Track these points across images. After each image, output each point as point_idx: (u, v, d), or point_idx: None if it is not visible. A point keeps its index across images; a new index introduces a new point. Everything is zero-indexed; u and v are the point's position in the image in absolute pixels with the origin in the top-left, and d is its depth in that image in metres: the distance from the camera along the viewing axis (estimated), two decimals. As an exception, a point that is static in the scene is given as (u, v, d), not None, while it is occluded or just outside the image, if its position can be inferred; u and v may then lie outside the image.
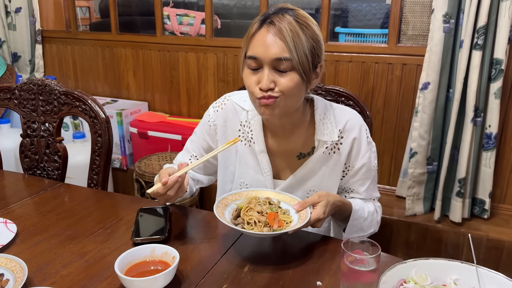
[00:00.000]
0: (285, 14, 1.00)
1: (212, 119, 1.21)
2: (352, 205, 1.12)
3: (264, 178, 1.17)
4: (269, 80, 0.99)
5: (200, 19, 2.65)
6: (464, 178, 1.93)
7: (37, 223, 1.14)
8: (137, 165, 2.31)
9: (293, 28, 0.98)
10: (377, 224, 1.21)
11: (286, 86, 0.99)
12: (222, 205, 1.04)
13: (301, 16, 1.02)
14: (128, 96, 2.84)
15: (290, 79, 0.99)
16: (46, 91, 1.45)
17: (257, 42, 1.00)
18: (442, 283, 0.77)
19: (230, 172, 1.23)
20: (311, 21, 1.03)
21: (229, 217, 1.02)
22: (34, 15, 2.89)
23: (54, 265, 0.95)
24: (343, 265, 0.79)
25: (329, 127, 1.12)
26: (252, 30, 1.02)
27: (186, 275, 0.92)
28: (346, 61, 2.20)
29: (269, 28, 0.99)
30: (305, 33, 0.99)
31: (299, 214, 1.01)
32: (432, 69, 1.88)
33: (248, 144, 1.18)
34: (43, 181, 1.43)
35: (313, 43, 1.01)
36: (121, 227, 1.11)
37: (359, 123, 1.16)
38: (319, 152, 1.14)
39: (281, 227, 0.97)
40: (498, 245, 1.88)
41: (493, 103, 1.86)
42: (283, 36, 0.97)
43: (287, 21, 0.98)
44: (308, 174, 1.16)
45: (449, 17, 1.82)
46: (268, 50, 0.98)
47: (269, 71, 0.99)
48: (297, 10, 1.03)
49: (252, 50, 1.00)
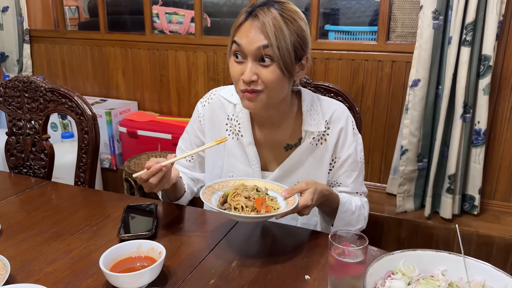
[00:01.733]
0: (270, 8, 1.01)
1: (201, 114, 1.22)
2: (340, 198, 1.12)
3: (252, 170, 1.17)
4: (251, 72, 1.00)
5: (190, 18, 2.63)
6: (454, 175, 1.93)
7: (22, 221, 1.12)
8: (126, 164, 2.29)
9: (277, 23, 0.99)
10: (365, 220, 1.20)
11: (267, 78, 1.01)
12: (208, 192, 1.03)
13: (287, 10, 1.02)
14: (118, 96, 2.82)
15: (272, 72, 1.01)
16: (31, 88, 1.43)
17: (241, 33, 1.02)
18: (430, 274, 0.76)
19: (218, 166, 1.23)
20: (298, 15, 1.03)
21: (216, 203, 1.00)
22: (22, 14, 2.86)
23: (38, 262, 0.94)
24: (331, 257, 0.79)
25: (316, 118, 1.14)
26: (239, 21, 1.04)
27: (173, 270, 0.91)
28: (336, 58, 2.20)
29: (253, 22, 1.00)
30: (289, 27, 1.00)
31: (287, 201, 1.00)
32: (422, 66, 1.89)
33: (236, 137, 1.18)
34: (30, 179, 1.41)
35: (297, 38, 1.01)
36: (107, 224, 1.10)
37: (345, 114, 1.17)
38: (306, 143, 1.15)
39: (268, 212, 0.96)
40: (488, 241, 1.89)
41: (482, 99, 1.86)
42: (265, 29, 0.99)
43: (272, 15, 0.99)
44: (295, 165, 1.16)
45: (438, 14, 1.83)
46: (251, 40, 1.00)
47: (252, 64, 1.01)
48: (285, 4, 1.03)
49: (237, 39, 1.02)
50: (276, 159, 1.18)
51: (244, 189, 1.01)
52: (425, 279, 0.75)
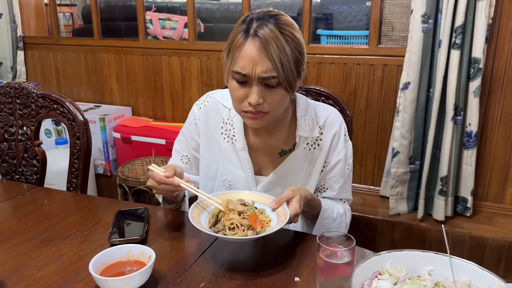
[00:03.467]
0: (268, 24, 0.96)
1: (197, 117, 1.21)
2: (322, 204, 1.13)
3: (245, 174, 1.17)
4: (258, 96, 0.98)
5: (183, 23, 2.65)
6: (446, 177, 1.94)
7: (13, 226, 1.12)
8: (120, 170, 2.29)
9: (279, 43, 0.95)
10: (346, 227, 1.21)
11: (274, 101, 1.00)
12: (196, 213, 1.01)
13: (285, 26, 0.98)
14: (112, 101, 2.83)
15: (279, 95, 1.00)
16: (23, 94, 1.43)
17: (244, 57, 0.97)
18: (417, 274, 0.77)
19: (212, 169, 1.23)
20: (294, 28, 1.00)
21: (206, 224, 0.99)
22: (16, 21, 2.87)
23: (28, 268, 0.94)
24: (319, 259, 0.79)
25: (310, 123, 1.14)
26: (237, 42, 0.98)
27: (164, 274, 0.91)
28: (328, 63, 2.21)
29: (255, 43, 0.96)
30: (289, 44, 0.97)
31: (276, 212, 1.01)
32: (412, 69, 1.91)
33: (231, 141, 1.18)
34: (22, 185, 1.41)
35: (297, 54, 0.99)
36: (99, 229, 1.10)
37: (339, 120, 1.18)
38: (300, 148, 1.15)
39: (263, 227, 0.97)
40: (481, 242, 1.90)
41: (472, 102, 1.88)
42: (269, 53, 0.94)
43: (273, 34, 0.95)
44: (289, 170, 1.16)
45: (428, 17, 1.85)
46: (255, 67, 0.96)
47: (258, 87, 0.98)
48: (280, 18, 1.00)
49: (239, 65, 0.98)
50: (271, 164, 1.18)
51: (234, 205, 1.01)
52: (412, 279, 0.75)
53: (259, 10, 1.03)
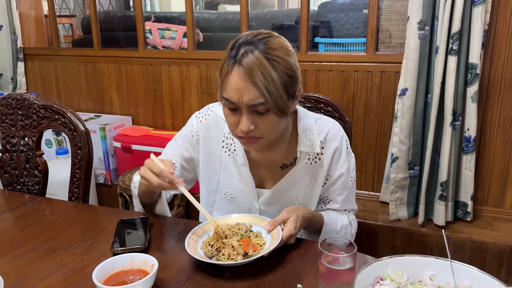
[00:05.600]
0: (254, 51, 0.94)
1: (195, 129, 1.20)
2: (324, 218, 1.14)
3: (247, 188, 1.18)
4: (249, 123, 0.98)
5: (182, 33, 2.67)
6: (445, 182, 1.95)
7: (16, 237, 1.12)
8: (121, 179, 2.29)
9: (264, 70, 0.93)
10: (352, 237, 1.22)
11: (265, 126, 1.00)
12: (193, 240, 1.03)
13: (272, 50, 0.95)
14: (112, 111, 2.84)
15: (270, 120, 0.99)
16: (25, 105, 1.44)
17: (231, 85, 0.96)
18: (419, 279, 0.78)
19: (214, 182, 1.23)
20: (283, 50, 0.97)
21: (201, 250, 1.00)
22: (16, 32, 2.89)
23: (32, 278, 0.94)
24: (321, 265, 0.80)
25: (311, 138, 1.13)
26: (225, 69, 0.97)
27: (166, 283, 0.91)
28: (326, 70, 2.23)
29: (240, 71, 0.94)
30: (277, 70, 0.94)
31: (271, 234, 1.02)
32: (409, 75, 1.92)
33: (232, 155, 1.18)
34: (23, 196, 1.41)
35: (287, 78, 0.96)
36: (101, 239, 1.10)
37: (340, 134, 1.17)
38: (301, 164, 1.15)
39: (256, 251, 0.98)
40: (482, 247, 1.90)
41: (470, 107, 1.89)
42: (254, 81, 0.93)
43: (257, 62, 0.93)
44: (291, 184, 1.17)
45: (424, 24, 1.87)
46: (242, 96, 0.95)
47: (247, 115, 0.97)
48: (269, 41, 0.97)
49: (227, 93, 0.97)
50: (272, 177, 1.18)
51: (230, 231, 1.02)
52: (413, 284, 0.76)
53: (249, 32, 1.00)
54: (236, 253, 0.96)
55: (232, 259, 0.96)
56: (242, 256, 0.96)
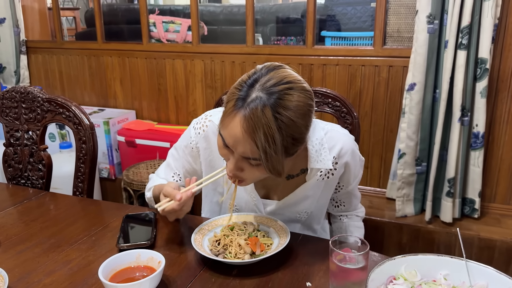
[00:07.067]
0: (265, 106, 0.83)
1: (194, 141, 1.15)
2: None
3: (252, 200, 1.15)
4: (235, 169, 0.93)
5: (187, 26, 2.64)
6: (453, 178, 1.93)
7: (20, 232, 1.11)
8: (125, 173, 2.28)
9: (268, 131, 0.84)
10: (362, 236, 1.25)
11: (253, 175, 0.95)
12: (199, 237, 1.02)
13: (284, 109, 0.85)
14: (116, 105, 2.82)
15: (259, 171, 0.93)
16: (29, 99, 1.42)
17: (230, 129, 0.89)
18: (432, 278, 0.76)
19: (218, 193, 1.21)
20: (298, 111, 0.86)
21: (208, 247, 1.00)
22: (19, 25, 2.86)
23: (37, 274, 0.93)
24: (332, 264, 0.78)
25: (323, 153, 1.08)
26: (229, 107, 0.89)
27: (173, 280, 0.90)
28: (333, 64, 2.20)
29: (242, 121, 0.85)
30: (282, 132, 0.85)
31: (278, 235, 1.02)
32: (417, 70, 1.89)
33: None
34: (27, 190, 1.40)
35: (291, 141, 0.88)
36: (106, 234, 1.09)
37: (351, 148, 1.11)
38: (313, 180, 1.10)
39: (263, 250, 0.97)
40: (489, 245, 1.88)
41: (479, 102, 1.86)
42: (254, 138, 0.85)
43: (264, 120, 0.83)
44: (301, 199, 1.14)
45: (433, 18, 1.84)
46: (237, 145, 0.89)
47: (237, 160, 0.92)
48: (285, 97, 0.85)
49: (224, 133, 0.91)
50: (279, 188, 1.15)
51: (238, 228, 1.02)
52: (427, 283, 0.74)
53: (271, 68, 0.90)
54: (243, 251, 0.95)
55: (238, 257, 0.95)
56: (249, 255, 0.95)
